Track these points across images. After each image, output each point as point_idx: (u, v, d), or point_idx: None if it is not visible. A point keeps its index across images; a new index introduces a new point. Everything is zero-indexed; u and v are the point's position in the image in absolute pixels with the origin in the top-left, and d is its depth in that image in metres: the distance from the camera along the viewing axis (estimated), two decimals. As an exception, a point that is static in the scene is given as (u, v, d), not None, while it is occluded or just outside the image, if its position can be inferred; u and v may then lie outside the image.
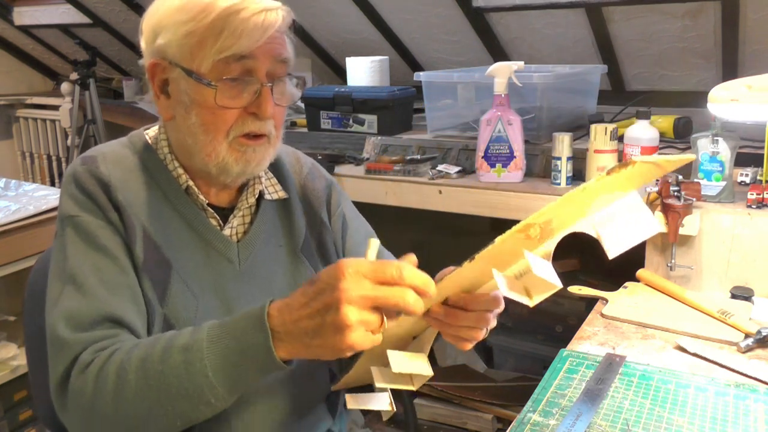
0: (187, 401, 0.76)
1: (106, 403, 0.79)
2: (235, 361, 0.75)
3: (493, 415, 2.21)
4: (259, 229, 1.02)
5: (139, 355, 0.79)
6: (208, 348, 0.76)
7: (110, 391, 0.79)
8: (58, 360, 0.85)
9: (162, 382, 0.77)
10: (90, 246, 0.91)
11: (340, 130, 2.24)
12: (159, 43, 0.92)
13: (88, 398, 0.80)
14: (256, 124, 0.93)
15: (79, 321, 0.86)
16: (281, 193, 1.07)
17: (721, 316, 1.25)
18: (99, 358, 0.82)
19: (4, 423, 2.05)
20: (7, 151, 4.33)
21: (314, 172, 1.14)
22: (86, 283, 0.88)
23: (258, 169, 0.98)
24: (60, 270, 0.91)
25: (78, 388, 0.82)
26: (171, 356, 0.77)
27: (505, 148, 1.73)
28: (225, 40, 0.88)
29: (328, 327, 0.69)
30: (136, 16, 3.17)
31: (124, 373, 0.79)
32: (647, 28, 2.05)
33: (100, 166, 0.95)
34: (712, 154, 1.47)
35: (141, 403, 0.78)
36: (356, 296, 0.68)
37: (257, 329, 0.74)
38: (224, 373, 0.75)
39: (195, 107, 0.92)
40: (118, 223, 0.93)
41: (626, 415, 0.96)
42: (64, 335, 0.85)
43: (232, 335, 0.76)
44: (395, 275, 0.69)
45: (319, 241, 1.09)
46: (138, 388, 0.78)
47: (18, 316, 2.18)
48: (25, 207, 1.99)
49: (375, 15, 2.51)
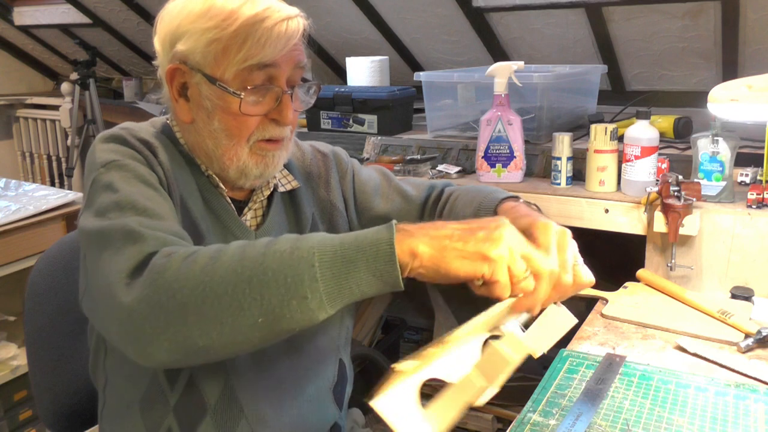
0: (279, 290, 0.69)
1: (188, 278, 0.72)
2: (347, 256, 0.70)
3: (493, 415, 2.21)
4: (273, 219, 1.04)
5: (239, 244, 0.75)
6: (320, 241, 0.71)
7: (198, 270, 0.72)
8: (131, 251, 0.77)
9: (259, 263, 0.71)
10: (141, 181, 0.88)
11: (340, 130, 2.24)
12: (180, 49, 0.93)
13: (170, 273, 0.73)
14: (277, 130, 0.96)
15: (152, 224, 0.81)
16: (294, 183, 1.08)
17: (721, 316, 1.25)
18: (189, 248, 0.77)
19: (4, 423, 2.05)
20: (7, 151, 4.33)
21: (316, 155, 1.15)
22: (148, 208, 0.84)
23: (274, 172, 1.00)
24: (112, 203, 0.84)
25: (160, 266, 0.74)
26: (277, 242, 0.73)
27: (505, 148, 1.73)
28: (249, 49, 0.89)
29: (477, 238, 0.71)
30: (136, 16, 3.18)
31: (218, 254, 0.73)
32: (647, 28, 2.05)
33: (143, 132, 0.95)
34: (712, 154, 1.47)
35: (227, 281, 0.71)
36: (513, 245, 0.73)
37: (381, 228, 0.72)
38: (331, 269, 0.70)
39: (218, 113, 0.93)
40: (164, 180, 0.91)
41: (626, 415, 0.96)
42: (140, 230, 0.79)
43: (352, 236, 0.72)
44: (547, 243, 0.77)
45: (330, 224, 1.11)
46: (230, 268, 0.71)
47: (18, 316, 2.18)
48: (25, 207, 1.99)
49: (375, 15, 2.51)
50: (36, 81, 4.39)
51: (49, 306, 1.20)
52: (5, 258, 1.88)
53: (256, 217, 1.04)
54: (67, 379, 1.20)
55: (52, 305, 1.20)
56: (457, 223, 0.74)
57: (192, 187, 0.97)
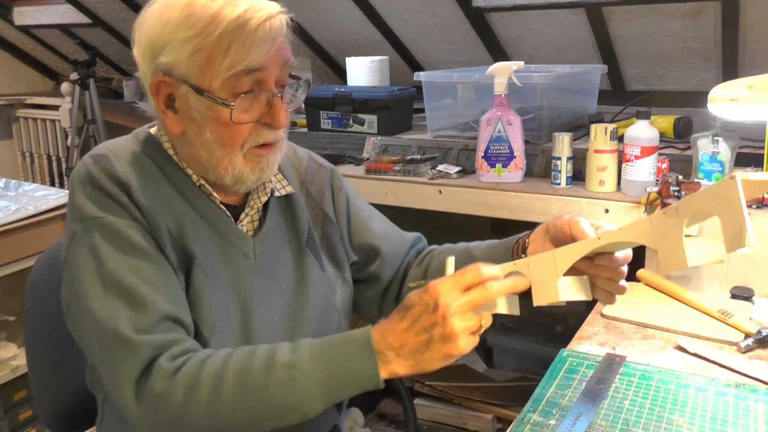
0: (285, 413, 0.82)
1: (199, 412, 0.81)
2: (339, 382, 0.81)
3: (493, 415, 2.21)
4: (270, 225, 1.03)
5: (236, 369, 0.82)
6: (313, 369, 0.81)
7: (204, 401, 0.81)
8: (129, 361, 0.83)
9: (265, 396, 0.81)
10: (124, 248, 0.88)
11: (340, 130, 2.24)
12: (163, 61, 0.89)
13: (176, 404, 0.81)
14: (270, 134, 0.94)
15: (139, 324, 0.84)
16: (289, 188, 1.07)
17: (721, 316, 1.25)
18: (188, 367, 0.82)
19: (4, 423, 2.05)
20: (7, 151, 4.33)
21: (312, 165, 1.14)
22: (133, 288, 0.86)
23: (270, 175, 0.99)
24: (96, 274, 0.88)
25: (164, 393, 0.81)
26: (275, 373, 0.81)
27: (505, 148, 1.73)
28: (234, 55, 0.87)
29: (436, 340, 0.78)
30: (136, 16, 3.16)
31: (220, 384, 0.81)
32: (647, 28, 2.05)
33: (115, 166, 0.93)
34: (712, 154, 1.47)
35: (238, 413, 0.81)
36: (456, 306, 0.78)
37: (366, 355, 0.80)
38: (326, 392, 0.81)
39: (209, 124, 0.91)
40: (144, 222, 0.91)
41: (626, 415, 0.96)
42: (129, 335, 0.83)
43: (337, 358, 0.81)
44: (476, 277, 0.80)
45: (323, 234, 1.10)
46: (237, 400, 0.81)
47: (18, 316, 2.18)
48: (25, 207, 1.99)
49: (375, 15, 2.51)
50: (36, 81, 4.39)
51: (49, 306, 1.20)
52: (5, 258, 1.88)
53: (252, 222, 1.02)
54: (67, 379, 1.20)
55: (52, 305, 1.20)
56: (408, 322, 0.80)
57: (178, 205, 0.95)
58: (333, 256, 1.09)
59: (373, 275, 1.14)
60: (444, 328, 0.77)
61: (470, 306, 0.78)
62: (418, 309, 0.80)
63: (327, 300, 1.05)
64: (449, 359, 0.79)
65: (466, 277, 0.80)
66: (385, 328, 0.81)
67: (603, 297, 0.90)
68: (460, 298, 0.78)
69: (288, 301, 1.01)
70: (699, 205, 0.74)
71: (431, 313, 0.78)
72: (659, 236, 0.76)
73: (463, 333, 0.78)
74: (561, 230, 0.90)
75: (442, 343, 0.78)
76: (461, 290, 0.79)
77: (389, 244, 1.15)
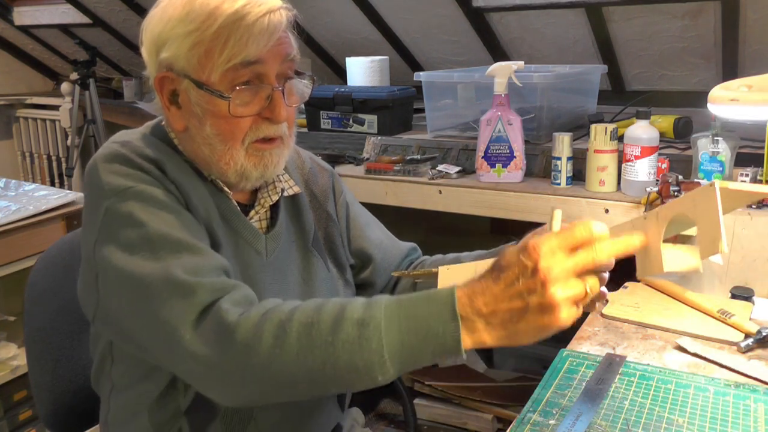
0: (352, 374, 0.74)
1: (259, 360, 0.75)
2: (415, 345, 0.72)
3: (493, 415, 2.21)
4: (282, 224, 1.03)
5: (301, 320, 0.75)
6: (386, 327, 0.72)
7: (265, 351, 0.74)
8: (185, 304, 0.78)
9: (330, 353, 0.73)
10: (164, 208, 0.85)
11: (340, 130, 2.24)
12: (164, 56, 0.90)
13: (236, 349, 0.75)
14: (271, 129, 0.93)
15: (197, 269, 0.80)
16: (296, 188, 1.06)
17: (721, 316, 1.25)
18: (251, 313, 0.77)
19: (4, 423, 2.05)
20: (7, 151, 4.33)
21: (315, 166, 1.15)
22: (184, 240, 0.83)
23: (276, 171, 0.98)
24: (141, 240, 0.83)
25: (224, 336, 0.76)
26: (343, 328, 0.73)
27: (505, 148, 1.73)
28: (232, 48, 0.87)
29: (533, 309, 0.68)
30: (136, 16, 3.17)
31: (283, 335, 0.74)
32: (647, 28, 2.05)
33: (143, 146, 0.91)
34: (712, 154, 1.47)
35: (300, 366, 0.74)
36: (558, 272, 0.68)
37: (448, 316, 0.71)
38: (400, 355, 0.72)
39: (209, 118, 0.91)
40: (180, 196, 0.89)
41: (626, 415, 0.96)
42: (187, 279, 0.79)
43: (414, 318, 0.72)
44: (586, 235, 0.70)
45: (326, 234, 1.10)
46: (300, 353, 0.74)
47: (18, 316, 2.18)
48: (25, 207, 1.99)
49: (375, 15, 2.51)
50: (36, 81, 4.39)
51: (49, 306, 1.20)
52: (5, 258, 1.88)
53: (260, 220, 1.02)
54: (67, 379, 1.20)
55: (52, 305, 1.20)
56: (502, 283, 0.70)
57: (202, 194, 0.94)
58: (336, 257, 1.10)
59: (366, 282, 1.15)
60: (543, 296, 0.67)
61: (576, 271, 0.69)
62: (514, 271, 0.70)
63: None
64: (546, 332, 0.70)
65: (575, 235, 0.70)
66: (474, 289, 0.71)
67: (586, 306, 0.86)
68: (564, 261, 0.68)
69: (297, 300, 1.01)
70: (679, 211, 0.73)
71: (529, 278, 0.68)
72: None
73: (565, 303, 0.68)
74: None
75: (539, 314, 0.68)
76: (567, 251, 0.69)
77: (383, 253, 1.15)
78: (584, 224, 0.70)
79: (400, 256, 1.18)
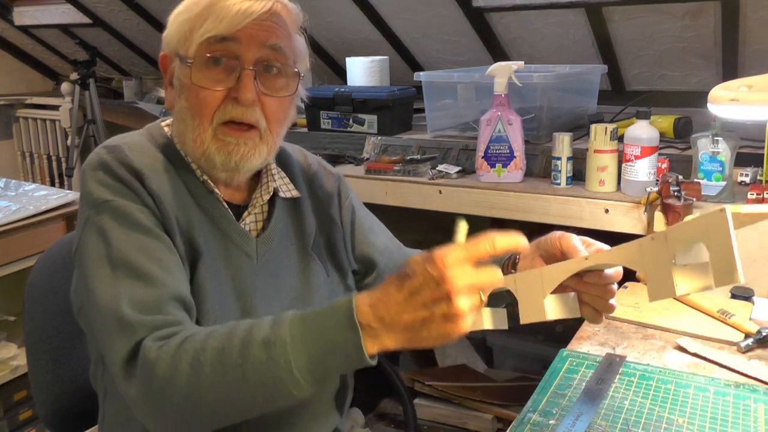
0: (267, 394, 0.75)
1: (179, 392, 0.77)
2: (321, 358, 0.73)
3: (493, 415, 2.22)
4: (275, 226, 1.02)
5: (214, 347, 0.77)
6: (291, 344, 0.73)
7: (183, 382, 0.76)
8: (122, 342, 0.81)
9: (241, 377, 0.75)
10: (133, 228, 0.88)
11: (340, 130, 2.24)
12: (164, 35, 0.97)
13: (158, 385, 0.78)
14: (238, 110, 0.93)
15: (143, 305, 0.83)
16: (294, 192, 1.06)
17: (721, 316, 1.25)
18: (169, 346, 0.79)
19: (4, 423, 2.05)
20: (7, 151, 4.33)
21: (321, 170, 1.14)
22: (141, 267, 0.85)
23: (244, 165, 0.96)
24: (105, 256, 0.86)
25: (145, 373, 0.79)
26: (251, 351, 0.75)
27: (505, 148, 1.73)
28: (209, 24, 0.91)
29: (437, 318, 0.69)
30: (136, 16, 3.18)
31: (198, 365, 0.76)
32: (647, 28, 2.05)
33: (128, 154, 0.93)
34: (712, 154, 1.48)
35: (217, 393, 0.76)
36: (465, 285, 0.69)
37: (346, 327, 0.72)
38: (309, 369, 0.73)
39: (184, 90, 0.95)
40: (156, 210, 0.91)
41: (626, 415, 0.96)
42: (129, 316, 0.82)
43: (317, 332, 0.74)
44: (490, 249, 0.71)
45: (328, 238, 1.09)
46: (214, 381, 0.75)
47: (18, 316, 2.18)
48: (25, 207, 1.99)
49: (375, 15, 2.51)
50: (36, 81, 4.39)
51: (48, 306, 1.20)
52: (5, 258, 1.88)
53: (256, 222, 1.02)
54: (67, 379, 1.20)
55: (51, 305, 1.20)
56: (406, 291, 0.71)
57: (187, 199, 0.95)
58: (337, 262, 1.09)
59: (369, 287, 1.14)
60: (449, 307, 0.68)
61: (478, 288, 0.70)
62: (418, 279, 0.70)
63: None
64: (448, 339, 0.71)
65: (479, 248, 0.71)
66: (378, 297, 0.73)
67: (590, 315, 0.86)
68: (469, 275, 0.70)
69: (291, 304, 1.00)
70: (688, 235, 0.72)
71: (435, 288, 0.69)
72: (648, 263, 0.74)
73: (469, 312, 0.70)
74: (551, 246, 0.89)
75: (443, 323, 0.69)
76: (473, 263, 0.70)
77: (388, 259, 1.15)
78: (488, 239, 0.72)
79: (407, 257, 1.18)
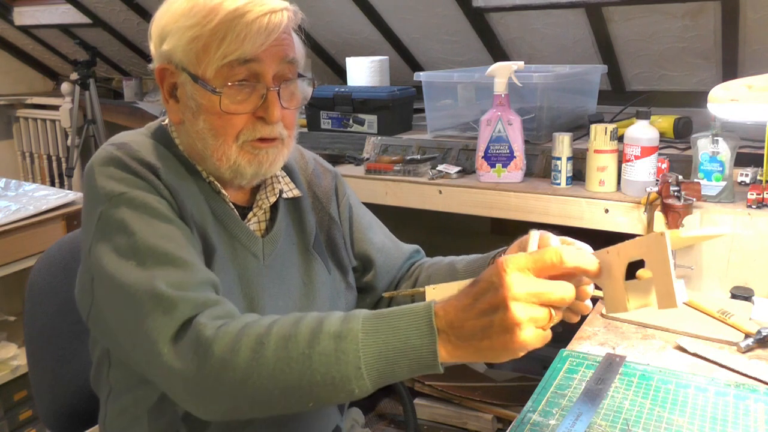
0: (329, 388, 0.73)
1: (236, 376, 0.74)
2: (391, 358, 0.72)
3: (493, 415, 2.21)
4: (280, 227, 1.03)
5: (280, 333, 0.75)
6: (363, 340, 0.72)
7: (242, 366, 0.74)
8: (164, 319, 0.78)
9: (307, 366, 0.73)
10: (155, 216, 0.86)
11: (340, 130, 2.24)
12: (165, 49, 0.92)
13: (213, 366, 0.75)
14: (266, 129, 0.93)
15: (181, 284, 0.81)
16: (296, 192, 1.06)
17: (721, 316, 1.25)
18: (229, 326, 0.77)
19: (4, 423, 2.05)
20: (7, 151, 4.33)
21: (318, 167, 1.14)
22: (171, 252, 0.83)
23: (271, 170, 0.97)
24: (129, 248, 0.84)
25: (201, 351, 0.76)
26: (320, 341, 0.73)
27: (505, 148, 1.73)
28: (229, 44, 0.87)
29: (496, 327, 0.67)
30: (136, 16, 3.18)
31: (261, 348, 0.74)
32: (647, 28, 2.05)
33: (139, 150, 0.92)
34: (712, 154, 1.48)
35: (277, 381, 0.74)
36: (522, 293, 0.67)
37: (424, 330, 0.71)
38: (377, 368, 0.72)
39: (202, 113, 0.92)
40: (173, 202, 0.89)
41: (626, 415, 0.96)
42: (168, 293, 0.79)
43: (391, 332, 0.72)
44: (555, 261, 0.69)
45: (328, 236, 1.09)
46: (277, 366, 0.74)
47: (18, 316, 2.18)
48: (25, 207, 1.99)
49: (375, 15, 2.51)
50: (36, 81, 4.39)
51: (49, 306, 1.20)
52: (5, 258, 1.88)
53: (259, 222, 1.02)
54: (67, 379, 1.20)
55: (52, 305, 1.20)
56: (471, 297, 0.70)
57: (197, 197, 0.94)
58: (338, 259, 1.09)
59: (368, 285, 1.15)
60: (504, 314, 0.66)
61: (539, 298, 0.68)
62: (482, 285, 0.69)
63: (333, 302, 1.05)
64: (512, 353, 0.68)
65: (543, 258, 0.69)
66: (450, 302, 0.71)
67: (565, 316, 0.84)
68: (529, 284, 0.67)
69: (296, 303, 1.00)
70: (635, 254, 0.72)
71: (492, 293, 0.68)
72: (604, 276, 0.74)
73: (527, 324, 0.66)
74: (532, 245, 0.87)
75: (501, 332, 0.67)
76: (534, 272, 0.68)
77: (385, 256, 1.15)
78: (555, 250, 0.70)
79: (402, 259, 1.18)
